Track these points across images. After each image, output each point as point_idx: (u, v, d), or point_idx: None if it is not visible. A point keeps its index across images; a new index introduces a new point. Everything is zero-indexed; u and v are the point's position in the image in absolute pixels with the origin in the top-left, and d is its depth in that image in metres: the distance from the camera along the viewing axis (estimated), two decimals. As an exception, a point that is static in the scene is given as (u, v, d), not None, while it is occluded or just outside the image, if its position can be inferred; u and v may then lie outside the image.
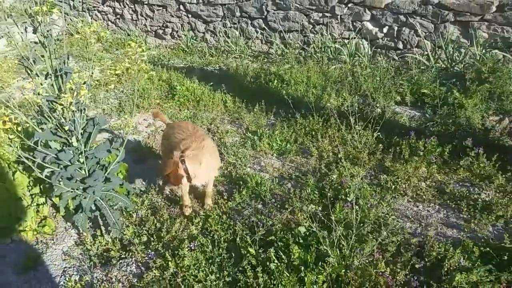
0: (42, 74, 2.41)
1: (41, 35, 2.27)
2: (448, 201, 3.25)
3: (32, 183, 3.34)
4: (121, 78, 6.66)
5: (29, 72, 2.46)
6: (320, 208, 3.07)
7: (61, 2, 10.57)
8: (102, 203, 2.80)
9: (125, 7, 9.12)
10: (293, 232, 2.83)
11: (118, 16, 9.41)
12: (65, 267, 2.94)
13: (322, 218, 2.84)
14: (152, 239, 2.97)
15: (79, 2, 9.89)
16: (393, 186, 3.38)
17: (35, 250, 3.07)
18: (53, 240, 3.16)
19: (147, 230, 3.08)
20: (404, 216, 3.14)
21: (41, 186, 3.34)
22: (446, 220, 3.09)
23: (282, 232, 2.87)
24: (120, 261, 2.91)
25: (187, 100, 5.60)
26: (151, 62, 7.42)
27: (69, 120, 2.44)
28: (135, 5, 8.89)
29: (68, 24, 10.55)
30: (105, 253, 2.97)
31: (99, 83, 6.52)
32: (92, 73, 2.58)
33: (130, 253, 2.91)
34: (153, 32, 9.01)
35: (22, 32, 2.31)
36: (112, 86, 3.73)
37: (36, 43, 2.39)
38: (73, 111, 2.44)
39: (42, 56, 2.38)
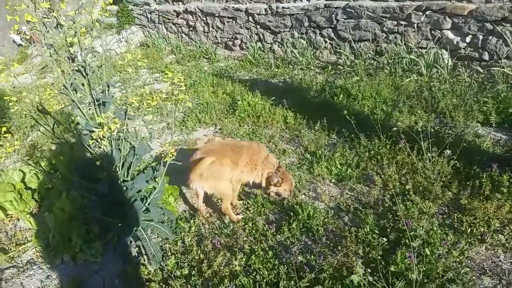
0: (83, 102, 2.38)
1: (79, 64, 2.24)
2: (539, 253, 2.66)
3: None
4: (187, 91, 6.73)
5: (74, 100, 2.46)
6: (380, 253, 2.68)
7: (141, 15, 11.19)
8: (142, 233, 2.72)
9: (197, 19, 9.32)
10: (344, 281, 2.49)
11: (191, 28, 9.65)
12: (106, 296, 2.91)
13: (380, 266, 2.47)
14: (193, 272, 2.82)
15: (156, 15, 10.35)
16: (469, 229, 2.86)
17: (80, 274, 3.07)
18: (98, 265, 3.15)
19: (190, 262, 2.95)
20: (480, 269, 2.62)
21: (94, 208, 3.38)
22: (537, 278, 2.51)
23: (331, 282, 2.53)
24: (160, 294, 2.80)
25: (247, 116, 5.45)
26: (218, 75, 7.44)
27: (110, 150, 2.39)
28: (207, 17, 9.04)
29: (145, 36, 11.11)
30: (146, 283, 2.89)
31: (168, 95, 6.65)
32: (131, 103, 2.50)
33: (170, 288, 2.80)
34: (223, 44, 9.10)
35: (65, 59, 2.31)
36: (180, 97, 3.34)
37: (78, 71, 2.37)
38: (116, 139, 2.39)
39: (83, 84, 2.35)
